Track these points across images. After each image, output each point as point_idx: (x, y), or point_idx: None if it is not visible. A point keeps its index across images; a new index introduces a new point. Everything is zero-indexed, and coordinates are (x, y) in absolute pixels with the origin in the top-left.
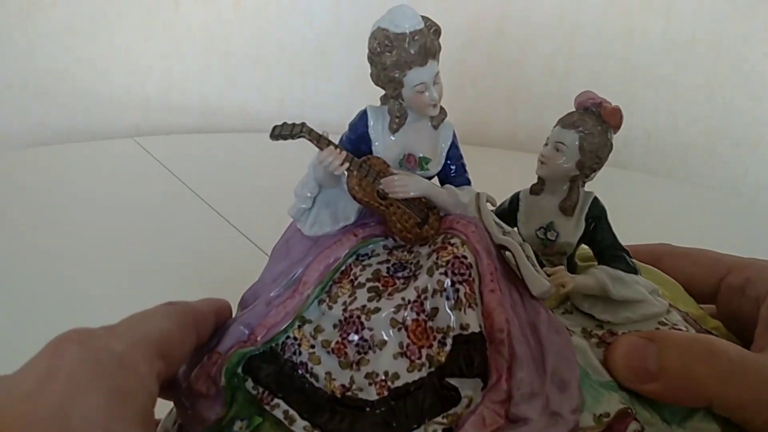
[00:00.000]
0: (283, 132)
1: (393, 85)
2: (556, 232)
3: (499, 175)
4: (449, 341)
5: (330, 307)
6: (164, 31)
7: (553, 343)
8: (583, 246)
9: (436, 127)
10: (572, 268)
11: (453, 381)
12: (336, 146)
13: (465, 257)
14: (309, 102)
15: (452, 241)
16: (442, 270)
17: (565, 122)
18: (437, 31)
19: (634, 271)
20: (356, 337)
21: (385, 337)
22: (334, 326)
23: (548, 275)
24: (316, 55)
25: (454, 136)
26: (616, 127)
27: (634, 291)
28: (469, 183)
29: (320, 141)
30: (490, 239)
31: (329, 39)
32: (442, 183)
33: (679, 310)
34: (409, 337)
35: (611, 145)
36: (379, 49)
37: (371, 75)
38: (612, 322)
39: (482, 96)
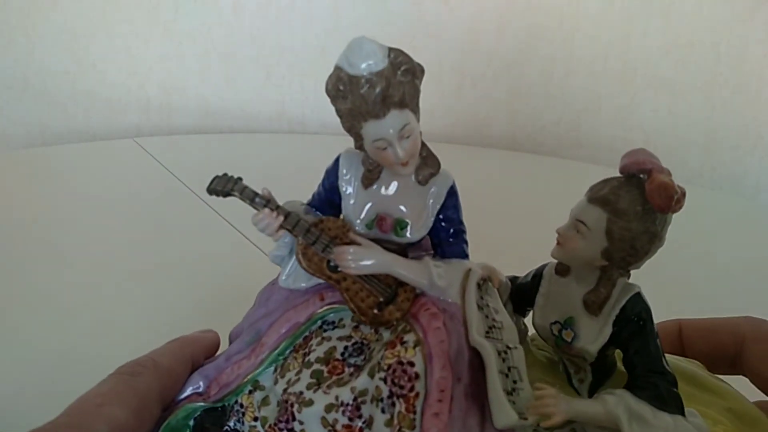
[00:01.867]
0: (216, 187)
1: (354, 136)
2: (574, 332)
3: (497, 176)
4: None
5: (276, 381)
6: (164, 32)
7: None
8: None
9: (423, 183)
10: (603, 374)
11: None
12: (274, 207)
13: (412, 364)
14: (309, 102)
15: (405, 338)
16: (382, 375)
17: (593, 194)
18: (408, 71)
19: (674, 407)
20: (286, 427)
21: None
22: (277, 404)
23: (539, 395)
24: (316, 56)
25: (451, 194)
26: (662, 209)
27: None
28: (464, 255)
29: (254, 202)
30: (466, 337)
31: (329, 39)
32: (434, 248)
33: None
34: None
35: (657, 232)
36: (333, 93)
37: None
38: None
39: (482, 97)
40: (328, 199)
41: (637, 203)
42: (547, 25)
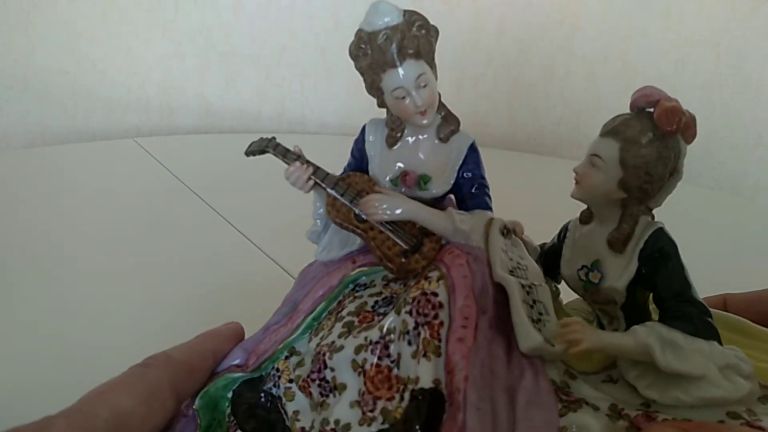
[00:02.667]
0: (253, 148)
1: (376, 92)
2: (601, 273)
3: (497, 176)
4: (407, 396)
5: (310, 340)
6: (164, 32)
7: (529, 420)
8: None
9: (444, 140)
10: (637, 322)
11: None
12: (304, 161)
13: (435, 294)
14: (309, 102)
15: (429, 274)
16: (408, 308)
17: (604, 128)
18: (422, 27)
19: (707, 334)
20: (318, 377)
21: (346, 381)
22: (311, 361)
23: (564, 326)
24: (315, 56)
25: (472, 150)
26: (671, 132)
27: (691, 363)
28: (487, 207)
29: (287, 156)
30: (491, 276)
31: (329, 39)
32: (459, 204)
33: None
34: (366, 384)
35: (670, 157)
36: (355, 53)
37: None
38: (658, 401)
39: (482, 96)
40: (358, 167)
41: (647, 129)
42: (547, 25)
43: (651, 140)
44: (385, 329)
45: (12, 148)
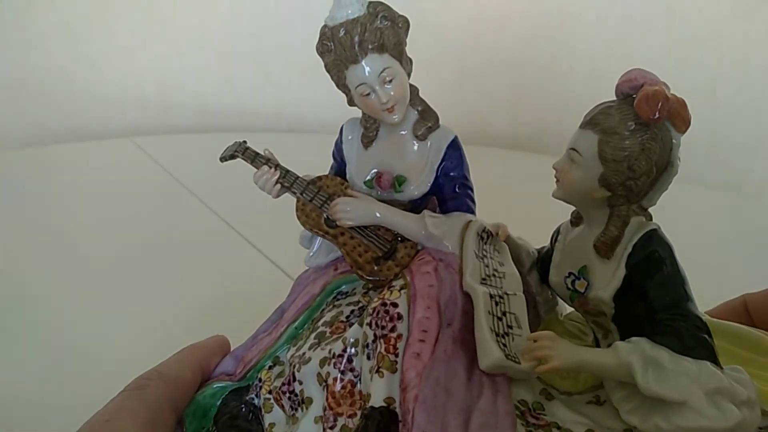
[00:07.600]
0: (225, 153)
1: (344, 90)
2: (587, 281)
3: (499, 176)
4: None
5: (288, 349)
6: (162, 31)
7: None
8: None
9: (421, 138)
10: (634, 335)
11: None
12: (272, 165)
13: (395, 305)
14: (307, 102)
15: (394, 283)
16: (368, 320)
17: (584, 119)
18: (386, 18)
19: (699, 353)
20: (288, 389)
21: (312, 395)
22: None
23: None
24: (314, 55)
25: (453, 147)
26: (652, 118)
27: (673, 386)
28: (468, 209)
29: (255, 161)
30: (461, 285)
31: None
32: (440, 205)
33: None
34: (328, 399)
35: (655, 149)
36: (320, 50)
37: None
38: (638, 428)
39: (483, 96)
40: (339, 170)
41: (628, 119)
42: (548, 24)
43: (633, 131)
44: (348, 342)
45: (8, 146)
